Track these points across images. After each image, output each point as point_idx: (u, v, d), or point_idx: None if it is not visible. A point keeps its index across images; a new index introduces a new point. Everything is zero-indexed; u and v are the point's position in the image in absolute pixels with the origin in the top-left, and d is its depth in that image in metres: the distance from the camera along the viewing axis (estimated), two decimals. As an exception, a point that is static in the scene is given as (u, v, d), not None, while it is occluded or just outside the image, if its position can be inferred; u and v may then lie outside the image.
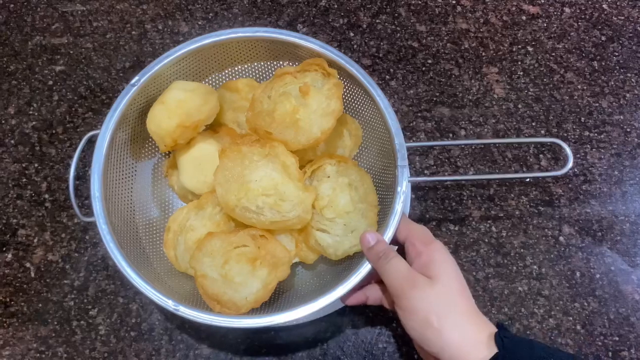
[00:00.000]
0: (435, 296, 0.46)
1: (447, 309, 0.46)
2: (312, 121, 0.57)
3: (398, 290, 0.48)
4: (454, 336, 0.44)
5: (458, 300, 0.47)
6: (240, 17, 0.80)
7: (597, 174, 0.70)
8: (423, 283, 0.47)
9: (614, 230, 0.66)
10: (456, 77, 0.75)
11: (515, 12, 0.81)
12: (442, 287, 0.46)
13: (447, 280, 0.47)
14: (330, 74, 0.59)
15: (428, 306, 0.46)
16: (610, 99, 0.75)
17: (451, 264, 0.49)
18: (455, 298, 0.47)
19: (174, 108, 0.56)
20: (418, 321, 0.46)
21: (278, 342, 0.60)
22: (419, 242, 0.50)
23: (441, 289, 0.46)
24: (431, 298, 0.46)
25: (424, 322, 0.46)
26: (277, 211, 0.55)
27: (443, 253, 0.49)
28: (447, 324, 0.45)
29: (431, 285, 0.46)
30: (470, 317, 0.46)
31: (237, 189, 0.55)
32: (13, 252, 0.64)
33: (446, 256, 0.49)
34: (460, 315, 0.46)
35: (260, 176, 0.56)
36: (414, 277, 0.47)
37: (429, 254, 0.49)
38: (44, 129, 0.71)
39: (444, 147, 0.71)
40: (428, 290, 0.46)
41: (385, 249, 0.50)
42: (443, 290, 0.46)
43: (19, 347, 0.60)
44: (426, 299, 0.46)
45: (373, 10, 0.80)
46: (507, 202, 0.68)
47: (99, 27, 0.78)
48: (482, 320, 0.47)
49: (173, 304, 0.50)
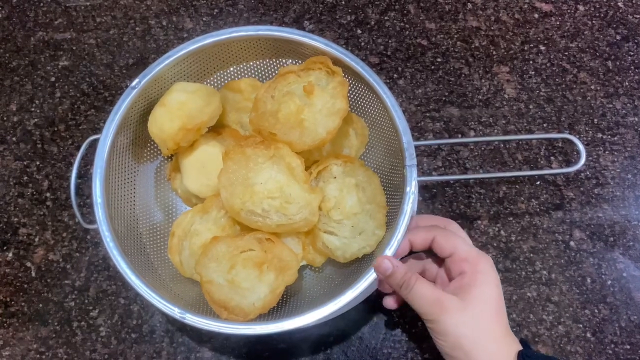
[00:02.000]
0: (469, 320, 0.45)
1: (481, 335, 0.45)
2: (317, 121, 0.55)
3: (427, 315, 0.47)
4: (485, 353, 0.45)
5: (492, 327, 0.46)
6: (246, 14, 0.78)
7: (610, 177, 0.68)
8: (454, 307, 0.46)
9: (626, 235, 0.65)
10: (466, 77, 0.74)
11: (528, 10, 0.79)
12: (477, 311, 0.46)
13: (483, 305, 0.46)
14: (335, 72, 0.57)
15: (460, 330, 0.45)
16: (624, 100, 0.73)
17: (492, 286, 0.48)
18: (489, 324, 0.46)
19: (175, 110, 0.55)
20: (449, 343, 0.46)
21: (281, 346, 0.59)
22: (464, 262, 0.49)
23: (476, 313, 0.46)
24: (463, 322, 0.45)
25: (455, 344, 0.45)
26: (283, 214, 0.54)
27: (487, 272, 0.48)
28: (477, 349, 0.45)
29: (464, 310, 0.46)
30: (501, 341, 0.46)
31: (242, 192, 0.54)
32: (14, 251, 0.64)
33: (489, 277, 0.48)
34: (492, 342, 0.46)
35: (265, 178, 0.55)
36: (442, 301, 0.46)
37: (472, 273, 0.48)
38: (46, 127, 0.70)
39: (452, 148, 0.69)
40: (460, 315, 0.45)
41: (405, 277, 0.49)
42: (478, 315, 0.46)
43: (19, 347, 0.59)
44: (458, 323, 0.45)
45: (381, 7, 0.79)
46: (516, 205, 0.66)
47: (103, 23, 0.77)
48: (510, 341, 0.47)
49: (179, 311, 0.49)
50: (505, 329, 0.47)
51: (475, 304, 0.46)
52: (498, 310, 0.47)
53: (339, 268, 0.59)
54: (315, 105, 0.56)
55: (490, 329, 0.46)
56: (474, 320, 0.45)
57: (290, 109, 0.55)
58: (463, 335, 0.45)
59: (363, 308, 0.60)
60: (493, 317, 0.46)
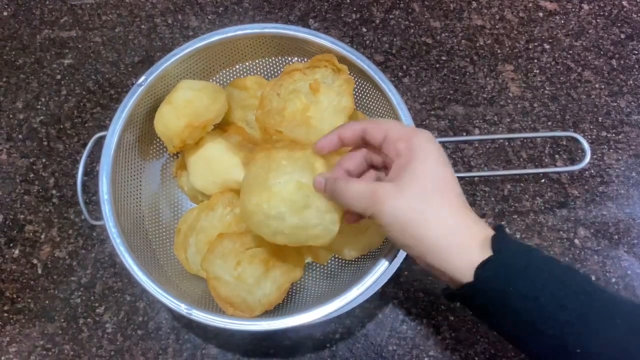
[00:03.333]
0: (408, 202, 0.39)
1: (423, 213, 0.39)
2: (323, 119, 0.56)
3: (366, 211, 0.41)
4: (437, 240, 0.39)
5: (437, 201, 0.40)
6: (251, 12, 0.78)
7: (615, 176, 0.68)
8: (389, 193, 0.40)
9: (631, 233, 0.65)
10: (471, 75, 0.74)
11: (532, 9, 0.79)
12: (412, 192, 0.40)
13: (419, 182, 0.40)
14: (341, 70, 0.57)
15: (399, 216, 0.39)
16: (629, 98, 0.73)
17: (429, 160, 0.41)
18: (434, 198, 0.40)
19: (181, 108, 0.55)
20: (396, 231, 0.40)
21: (286, 342, 0.60)
22: (398, 142, 0.43)
23: (412, 194, 0.40)
24: (403, 205, 0.39)
25: (402, 231, 0.40)
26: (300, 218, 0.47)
27: (422, 148, 0.42)
28: (426, 228, 0.39)
29: (399, 193, 0.40)
30: (457, 216, 0.40)
31: (259, 193, 0.48)
32: (20, 248, 0.64)
33: (425, 151, 0.41)
34: (442, 219, 0.39)
35: (285, 179, 0.48)
36: (375, 191, 0.41)
37: (407, 151, 0.42)
38: (52, 124, 0.70)
39: (457, 146, 0.69)
40: (398, 198, 0.40)
41: (335, 178, 0.44)
42: (414, 195, 0.40)
43: (26, 343, 0.60)
44: (398, 207, 0.39)
45: (386, 6, 0.79)
46: (521, 203, 0.66)
47: (108, 21, 0.77)
48: (473, 219, 0.40)
49: (186, 307, 0.49)
50: (460, 204, 0.41)
51: (410, 183, 0.40)
52: (442, 186, 0.40)
53: (345, 265, 0.59)
54: (321, 103, 0.56)
55: (436, 204, 0.40)
56: (412, 200, 0.39)
57: (297, 107, 0.56)
58: (405, 221, 0.39)
59: (368, 305, 0.61)
60: (436, 194, 0.40)
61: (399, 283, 0.62)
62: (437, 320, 0.61)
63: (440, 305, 0.61)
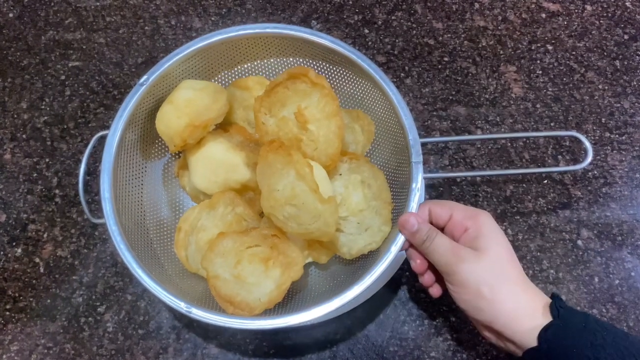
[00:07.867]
0: (485, 267, 0.46)
1: (498, 279, 0.46)
2: (318, 149, 0.55)
3: (446, 266, 0.48)
4: (508, 305, 0.45)
5: (509, 270, 0.47)
6: (254, 13, 0.79)
7: (618, 177, 0.68)
8: (471, 256, 0.47)
9: (634, 234, 0.64)
10: (473, 76, 0.74)
11: (535, 10, 0.79)
12: (491, 258, 0.46)
13: (496, 251, 0.47)
14: (318, 84, 0.54)
15: (478, 278, 0.46)
16: (632, 99, 0.72)
17: (499, 233, 0.49)
18: (506, 268, 0.47)
19: (183, 107, 0.55)
20: (470, 294, 0.46)
21: (287, 343, 0.59)
22: (465, 220, 0.50)
23: (490, 260, 0.46)
24: (480, 270, 0.46)
25: (476, 294, 0.46)
26: (299, 223, 0.51)
27: (490, 224, 0.49)
28: (499, 294, 0.45)
29: (479, 257, 0.46)
30: (523, 286, 0.47)
31: (267, 196, 0.52)
32: (23, 247, 0.64)
33: (493, 226, 0.49)
34: (512, 284, 0.46)
35: (283, 185, 0.51)
36: (459, 251, 0.47)
37: (475, 227, 0.49)
38: (55, 124, 0.71)
39: (459, 147, 0.69)
40: (476, 263, 0.46)
41: (429, 230, 0.50)
42: (492, 261, 0.46)
43: (27, 342, 0.60)
44: (475, 271, 0.46)
45: (389, 7, 0.79)
46: (523, 204, 0.66)
47: (112, 23, 0.78)
48: (534, 290, 0.47)
49: (185, 306, 0.49)
50: (524, 276, 0.48)
51: (487, 252, 0.46)
52: (511, 257, 0.48)
53: (345, 264, 0.59)
54: (312, 132, 0.55)
55: (508, 272, 0.47)
56: (490, 266, 0.46)
57: (289, 137, 0.56)
58: (482, 283, 0.45)
59: (369, 305, 0.60)
60: (509, 263, 0.47)
61: (400, 284, 0.62)
62: (439, 321, 0.60)
63: (441, 307, 0.61)
